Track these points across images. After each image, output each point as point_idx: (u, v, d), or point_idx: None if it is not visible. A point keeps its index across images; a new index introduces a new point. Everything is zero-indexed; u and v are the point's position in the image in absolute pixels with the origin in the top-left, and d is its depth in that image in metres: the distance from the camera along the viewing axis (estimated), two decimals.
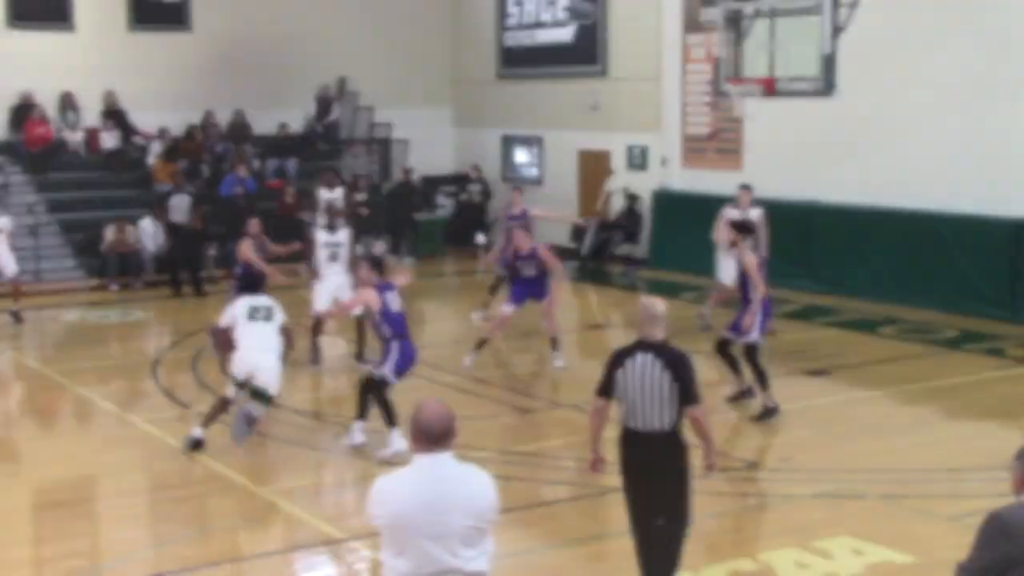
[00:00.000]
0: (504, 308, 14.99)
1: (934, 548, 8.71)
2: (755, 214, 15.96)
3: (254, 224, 15.45)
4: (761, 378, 12.39)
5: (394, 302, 11.37)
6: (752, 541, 9.29)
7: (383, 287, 11.43)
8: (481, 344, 14.66)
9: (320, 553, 9.19)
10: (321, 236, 15.35)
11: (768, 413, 12.34)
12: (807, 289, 19.24)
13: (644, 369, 7.17)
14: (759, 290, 12.42)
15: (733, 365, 12.83)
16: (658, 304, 7.41)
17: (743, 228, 13.31)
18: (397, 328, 11.32)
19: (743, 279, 12.65)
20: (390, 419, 11.08)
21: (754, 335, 12.42)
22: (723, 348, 12.82)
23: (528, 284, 14.73)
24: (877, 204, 18.71)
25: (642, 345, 7.28)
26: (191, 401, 13.42)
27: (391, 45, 26.84)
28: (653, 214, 22.90)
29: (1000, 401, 13.09)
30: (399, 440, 10.80)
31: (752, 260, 12.56)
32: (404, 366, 11.33)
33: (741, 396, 12.90)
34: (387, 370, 11.21)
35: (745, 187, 16.52)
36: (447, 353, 15.31)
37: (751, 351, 12.43)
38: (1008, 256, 17.19)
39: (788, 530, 9.37)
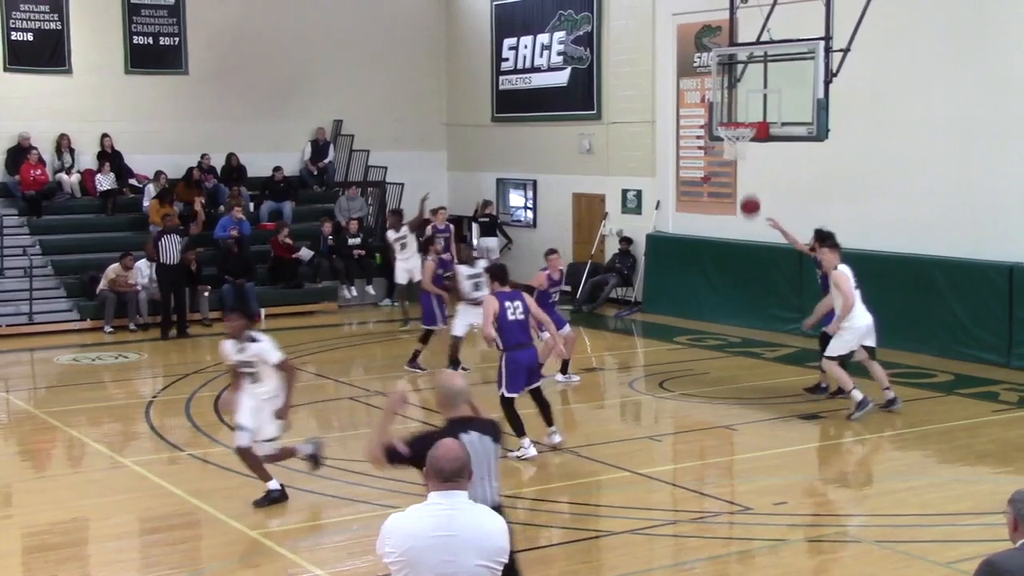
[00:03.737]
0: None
1: None
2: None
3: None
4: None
5: (513, 311, 12.21)
6: None
7: (504, 296, 12.32)
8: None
9: None
10: (463, 270, 16.45)
11: (860, 406, 13.87)
12: (800, 333, 19.24)
13: (476, 449, 6.25)
14: (845, 302, 13.81)
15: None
16: (456, 379, 6.83)
17: (823, 236, 14.51)
18: (507, 339, 12.12)
19: (825, 281, 14.32)
20: (517, 430, 12.09)
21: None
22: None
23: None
24: (871, 249, 18.73)
25: (460, 424, 6.48)
26: (183, 443, 13.39)
27: (387, 88, 26.98)
28: (647, 257, 22.94)
29: (994, 446, 13.06)
30: (530, 448, 12.18)
31: (839, 276, 13.91)
32: (514, 379, 12.10)
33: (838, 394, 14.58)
34: (503, 391, 12.16)
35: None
36: None
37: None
38: (1002, 301, 17.21)
39: (782, 575, 9.34)
